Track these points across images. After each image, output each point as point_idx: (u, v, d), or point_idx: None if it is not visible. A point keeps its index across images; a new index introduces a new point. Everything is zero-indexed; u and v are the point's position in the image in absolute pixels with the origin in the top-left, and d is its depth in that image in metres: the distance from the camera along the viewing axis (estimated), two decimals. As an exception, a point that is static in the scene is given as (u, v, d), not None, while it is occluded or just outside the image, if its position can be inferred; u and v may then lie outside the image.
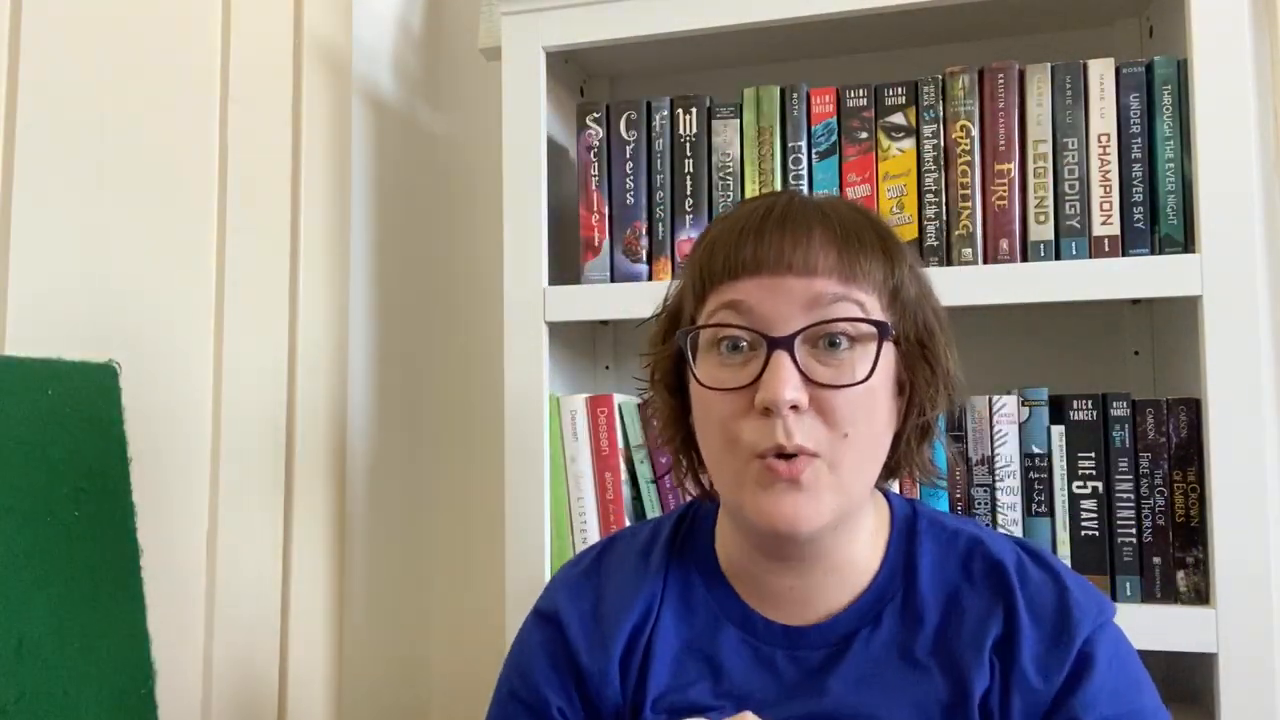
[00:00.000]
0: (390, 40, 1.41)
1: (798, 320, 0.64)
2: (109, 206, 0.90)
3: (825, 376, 0.63)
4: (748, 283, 0.65)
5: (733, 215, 0.70)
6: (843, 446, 0.64)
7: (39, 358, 0.78)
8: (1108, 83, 1.05)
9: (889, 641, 0.68)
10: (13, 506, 0.72)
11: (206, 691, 1.00)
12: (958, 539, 0.72)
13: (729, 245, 0.66)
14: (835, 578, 0.70)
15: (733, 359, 0.65)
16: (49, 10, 0.84)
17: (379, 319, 1.36)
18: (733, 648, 0.71)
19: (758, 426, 0.63)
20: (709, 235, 0.70)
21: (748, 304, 0.65)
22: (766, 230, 0.65)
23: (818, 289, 0.64)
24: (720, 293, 0.66)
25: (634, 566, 0.76)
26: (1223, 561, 0.96)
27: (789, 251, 0.64)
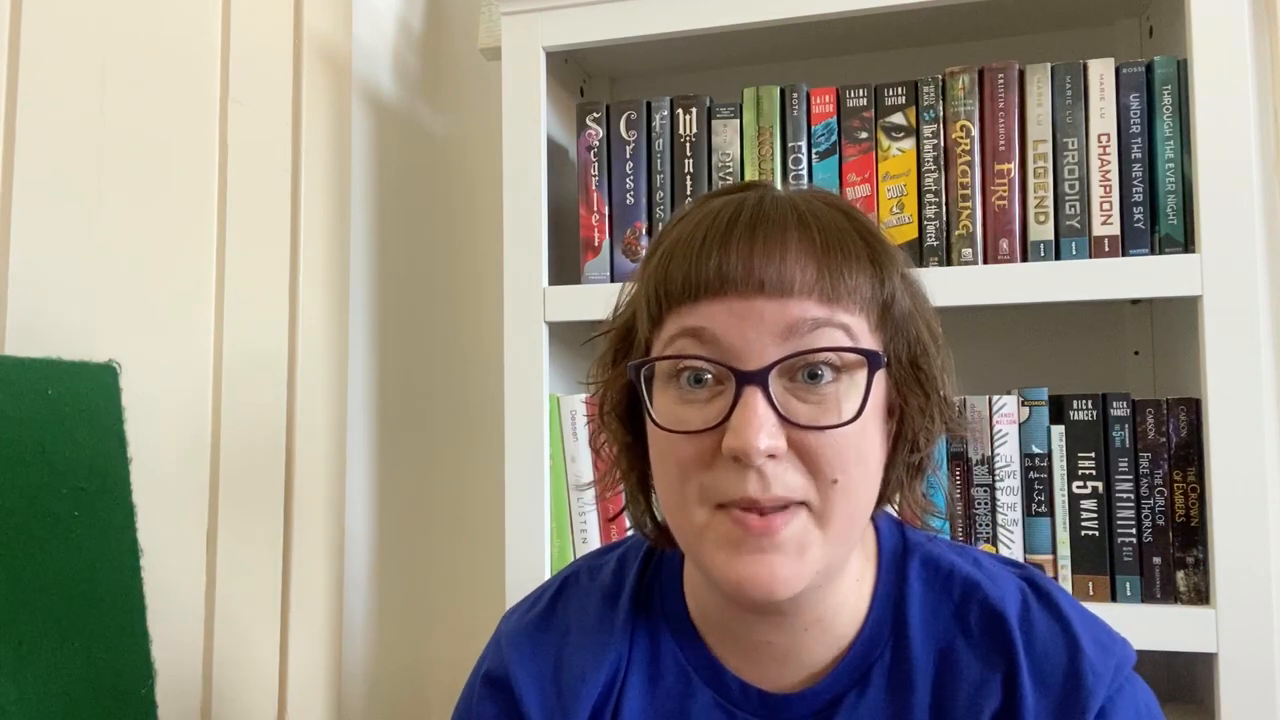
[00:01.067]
0: (390, 40, 1.41)
1: (771, 351, 0.53)
2: (109, 206, 0.90)
3: (806, 416, 0.53)
4: (712, 306, 0.54)
5: (693, 215, 0.58)
6: (831, 494, 0.53)
7: (39, 358, 0.78)
8: (1108, 83, 1.05)
9: (876, 709, 0.59)
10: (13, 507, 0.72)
11: (206, 691, 1.00)
12: (952, 582, 0.62)
13: (689, 258, 0.55)
14: (817, 631, 0.60)
15: (696, 394, 0.54)
16: (49, 10, 0.84)
17: (379, 319, 1.36)
18: (707, 714, 0.61)
19: (725, 474, 0.53)
20: (666, 240, 0.58)
21: (711, 331, 0.54)
22: (733, 239, 0.54)
23: (794, 313, 0.53)
24: (680, 316, 0.55)
25: (596, 619, 0.65)
26: (1223, 561, 0.96)
27: (760, 267, 0.53)
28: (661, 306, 0.56)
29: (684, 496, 0.55)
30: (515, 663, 0.65)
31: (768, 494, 0.52)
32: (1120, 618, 0.98)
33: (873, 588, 0.62)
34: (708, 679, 0.62)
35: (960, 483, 1.06)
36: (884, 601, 0.61)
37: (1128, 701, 0.57)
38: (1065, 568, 1.02)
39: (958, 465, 1.06)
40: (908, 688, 0.59)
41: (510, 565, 1.14)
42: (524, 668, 0.65)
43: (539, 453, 1.14)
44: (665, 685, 0.63)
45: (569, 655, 0.64)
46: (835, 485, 0.53)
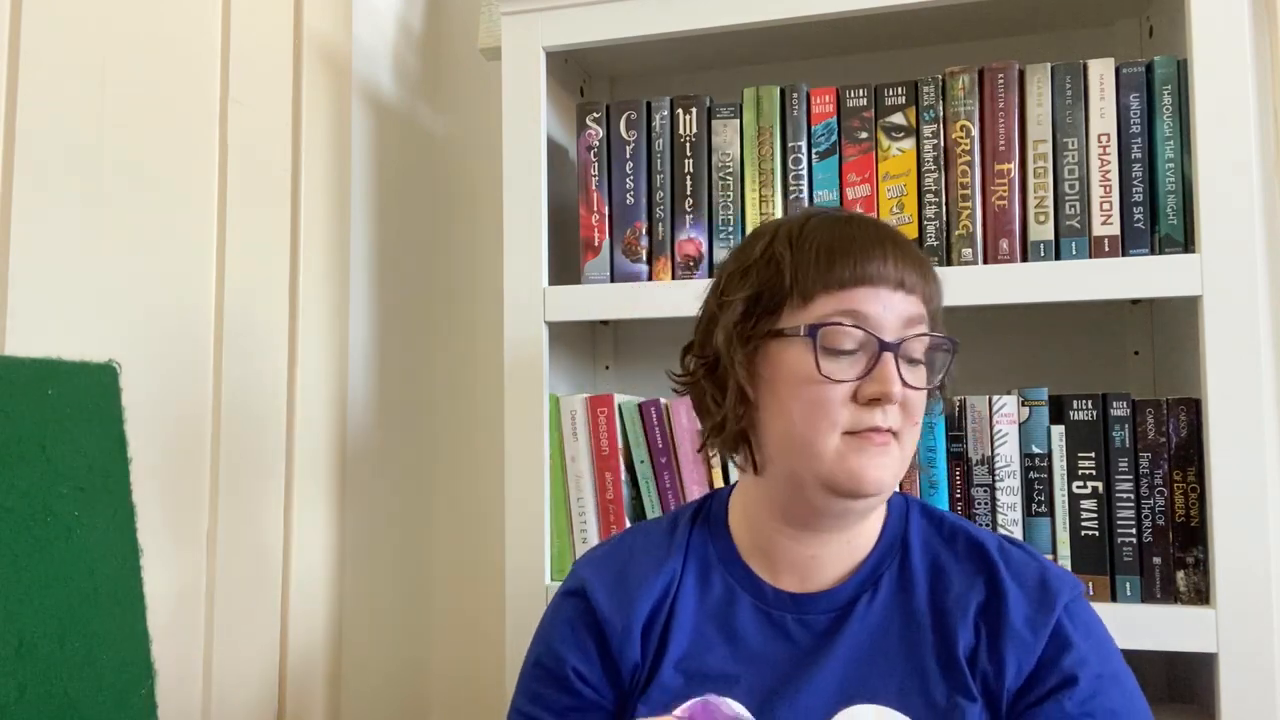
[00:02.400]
0: (390, 40, 1.41)
1: (899, 330, 0.75)
2: (109, 206, 0.90)
3: (911, 379, 0.76)
4: (865, 293, 0.75)
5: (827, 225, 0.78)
6: (910, 430, 0.77)
7: (39, 358, 0.78)
8: (1108, 83, 1.05)
9: (887, 604, 0.78)
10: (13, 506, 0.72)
11: (206, 691, 1.00)
12: (944, 522, 0.83)
13: (854, 257, 0.76)
14: (853, 544, 0.80)
15: (840, 356, 0.75)
16: (49, 10, 0.84)
17: (379, 319, 1.36)
18: (747, 615, 0.79)
19: (860, 411, 0.74)
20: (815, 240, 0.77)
21: (863, 313, 0.75)
22: (887, 250, 0.76)
23: (911, 308, 0.76)
24: (838, 299, 0.75)
25: (656, 544, 0.84)
26: (1223, 561, 0.96)
27: (900, 272, 0.76)
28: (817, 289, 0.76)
29: (819, 428, 0.75)
30: (588, 576, 0.83)
31: (887, 423, 0.74)
32: (1120, 618, 0.98)
33: (884, 520, 0.83)
34: (747, 588, 0.81)
35: (960, 483, 1.06)
36: (893, 529, 0.82)
37: (1085, 606, 0.78)
38: (1065, 568, 1.02)
39: (958, 465, 1.06)
40: (909, 590, 0.79)
41: (510, 565, 1.14)
42: (595, 577, 0.83)
43: (539, 453, 1.14)
44: (713, 595, 0.81)
45: (632, 567, 0.83)
46: (914, 425, 0.77)
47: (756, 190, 1.14)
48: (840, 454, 0.74)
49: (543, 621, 0.86)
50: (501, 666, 1.15)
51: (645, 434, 1.14)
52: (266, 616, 1.11)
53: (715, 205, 1.15)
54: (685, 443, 1.12)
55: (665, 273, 1.16)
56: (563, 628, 0.82)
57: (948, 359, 0.79)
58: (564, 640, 0.81)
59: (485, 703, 1.42)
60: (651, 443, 1.14)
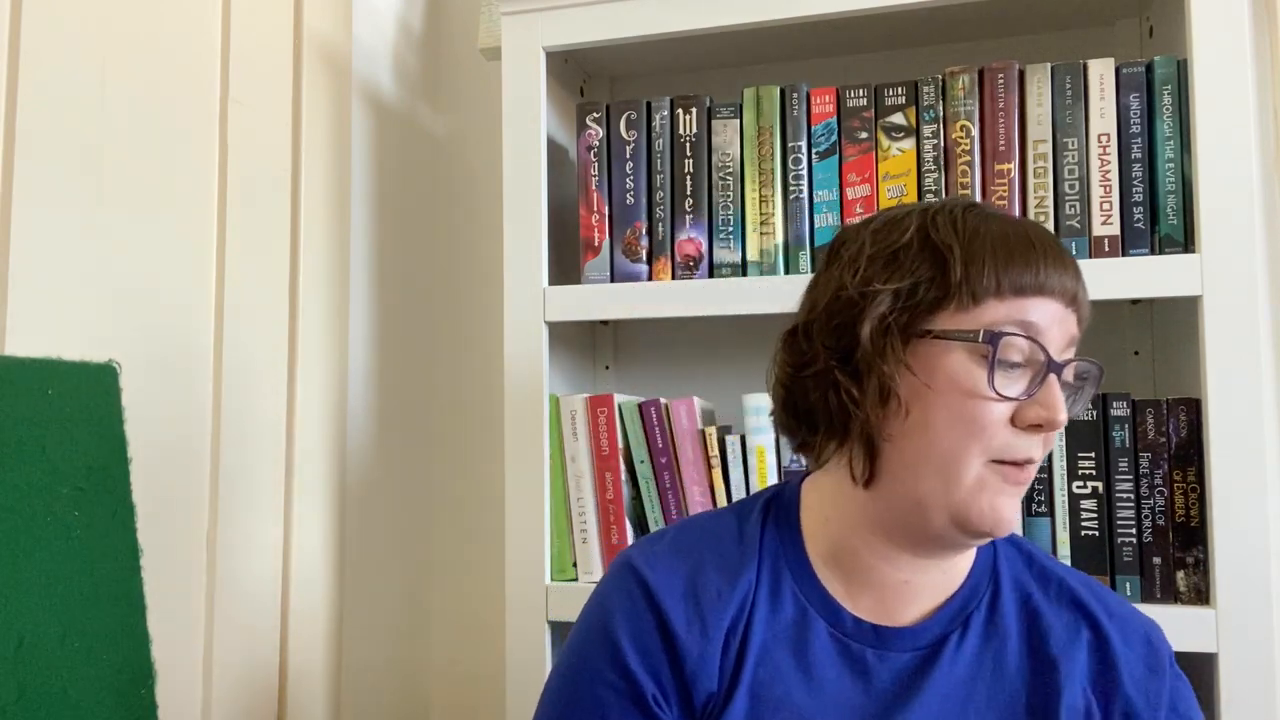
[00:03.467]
0: (390, 40, 1.41)
1: (1063, 350, 0.68)
2: (109, 206, 0.90)
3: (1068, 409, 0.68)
4: (1039, 304, 0.67)
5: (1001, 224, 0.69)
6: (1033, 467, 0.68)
7: (39, 358, 0.78)
8: (1108, 83, 1.05)
9: (977, 648, 0.71)
10: (13, 506, 0.72)
11: (206, 692, 1.00)
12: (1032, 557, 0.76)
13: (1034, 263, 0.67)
14: (943, 577, 0.73)
15: (1009, 369, 0.67)
16: (49, 10, 0.84)
17: (379, 319, 1.36)
18: (822, 644, 0.71)
19: (1014, 439, 0.66)
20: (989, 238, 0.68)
21: (1038, 325, 0.67)
22: (1065, 258, 0.68)
23: (1074, 328, 0.69)
24: (1012, 306, 0.66)
25: (726, 550, 0.74)
26: (1223, 561, 0.96)
27: (1069, 284, 0.68)
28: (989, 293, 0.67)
29: (969, 450, 0.66)
30: (655, 580, 0.72)
31: (1038, 455, 0.67)
32: (1120, 618, 0.98)
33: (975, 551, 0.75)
34: (822, 612, 0.71)
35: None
36: (983, 560, 0.74)
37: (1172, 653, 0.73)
38: (1065, 568, 1.02)
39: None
40: (1001, 633, 0.71)
41: (510, 565, 1.14)
42: (662, 581, 0.72)
43: (539, 453, 1.14)
44: (784, 615, 0.72)
45: (703, 576, 0.72)
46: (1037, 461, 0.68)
47: (756, 190, 1.14)
48: (980, 485, 0.66)
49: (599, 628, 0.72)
50: (501, 666, 1.15)
51: (645, 434, 1.14)
52: (266, 616, 1.11)
53: (715, 205, 1.15)
54: (685, 443, 1.12)
55: (665, 273, 1.16)
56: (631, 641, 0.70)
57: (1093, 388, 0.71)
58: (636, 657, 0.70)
59: (485, 703, 1.42)
60: (651, 443, 1.14)
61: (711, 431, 1.11)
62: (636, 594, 0.71)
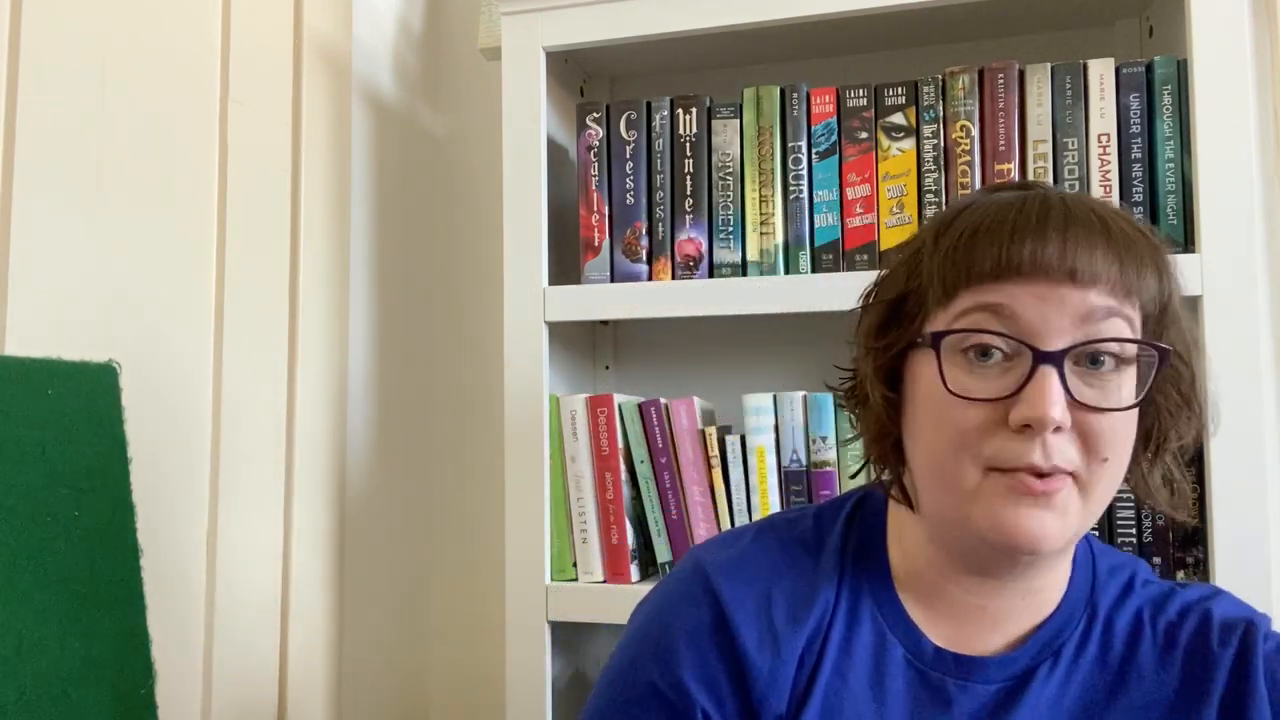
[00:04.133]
0: (390, 40, 1.41)
1: (1068, 335, 0.58)
2: (109, 206, 0.90)
3: (1091, 398, 0.58)
4: (1016, 287, 0.58)
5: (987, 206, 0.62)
6: (1099, 471, 0.59)
7: (39, 358, 0.78)
8: (1108, 83, 1.05)
9: (1067, 683, 0.64)
10: (13, 506, 0.72)
11: (206, 692, 1.00)
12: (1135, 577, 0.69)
13: (999, 242, 0.59)
14: (1031, 599, 0.65)
15: (984, 366, 0.59)
16: (49, 10, 0.84)
17: (379, 319, 1.36)
18: (899, 671, 0.65)
19: (1008, 442, 0.58)
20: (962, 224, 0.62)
21: (1012, 309, 0.58)
22: (1049, 230, 0.58)
23: (1093, 302, 0.58)
24: (978, 293, 0.59)
25: (805, 563, 0.69)
26: (1223, 561, 0.96)
27: (1072, 257, 0.58)
28: (960, 282, 0.60)
29: (958, 459, 0.60)
30: (726, 589, 0.67)
31: (1049, 463, 0.57)
32: (1120, 618, 0.98)
33: (1070, 576, 0.67)
34: (901, 637, 0.66)
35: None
36: (1079, 583, 0.67)
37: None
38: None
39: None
40: (1099, 664, 0.64)
41: (510, 566, 1.14)
42: (736, 596, 0.67)
43: (539, 453, 1.14)
44: (861, 638, 0.66)
45: (779, 594, 0.67)
46: (1105, 463, 0.59)
47: (756, 190, 1.14)
48: (977, 495, 0.59)
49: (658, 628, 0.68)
50: (501, 667, 1.15)
51: (645, 434, 1.14)
52: (266, 616, 1.11)
53: (715, 205, 1.15)
54: (685, 443, 1.12)
55: (665, 273, 1.16)
56: (691, 652, 0.65)
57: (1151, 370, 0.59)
58: (694, 671, 0.65)
59: (485, 704, 1.42)
60: (651, 443, 1.14)
61: (711, 431, 1.11)
62: (705, 603, 0.67)
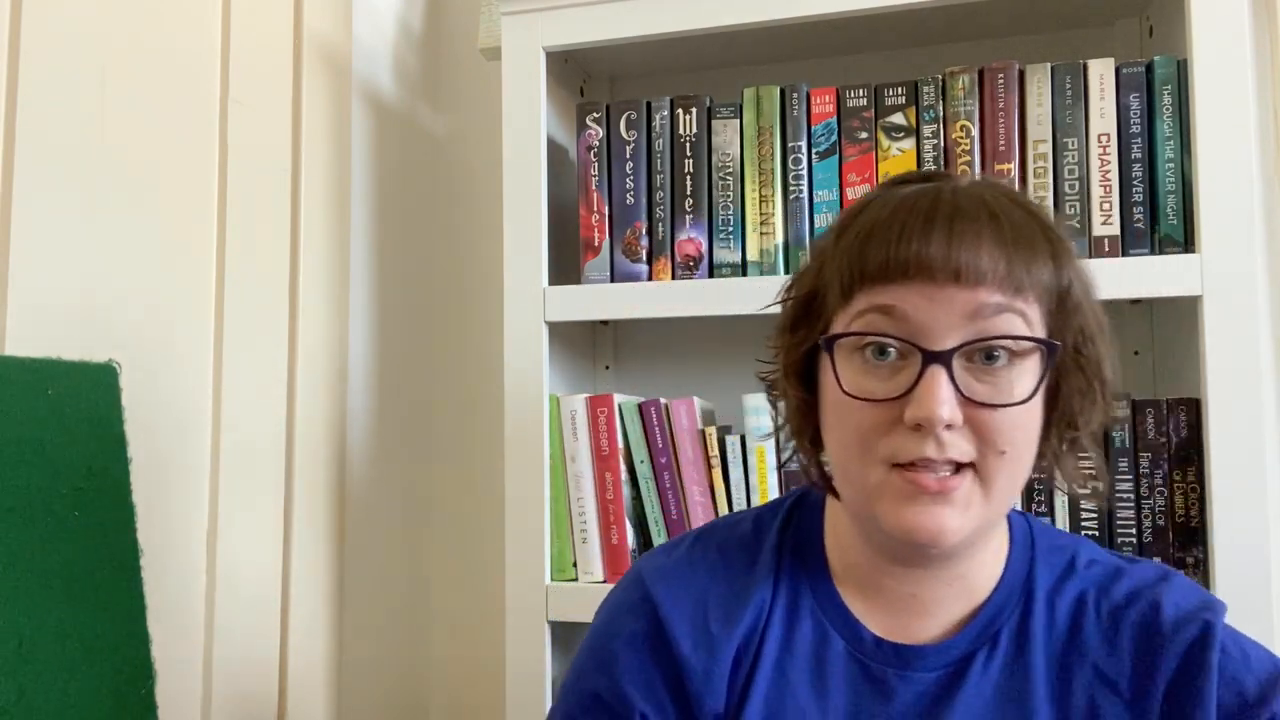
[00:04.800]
0: (390, 40, 1.41)
1: (957, 333, 0.58)
2: (109, 206, 0.90)
3: (983, 395, 0.59)
4: (905, 288, 0.59)
5: (883, 199, 0.63)
6: (997, 463, 0.59)
7: (39, 358, 0.78)
8: (1108, 83, 1.05)
9: (1007, 668, 0.64)
10: (13, 506, 0.72)
11: (206, 692, 1.00)
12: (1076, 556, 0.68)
13: (888, 242, 0.60)
14: (959, 586, 0.66)
15: (879, 366, 0.60)
16: (49, 10, 0.84)
17: (379, 319, 1.36)
18: (840, 665, 0.66)
19: (904, 440, 0.59)
20: (860, 223, 0.62)
21: (903, 310, 0.59)
22: (934, 229, 0.59)
23: (982, 299, 0.58)
24: (872, 294, 0.60)
25: (741, 565, 0.70)
26: (1223, 561, 0.96)
27: (956, 257, 0.58)
28: (854, 284, 0.61)
29: (861, 457, 0.61)
30: (662, 596, 0.68)
31: (943, 455, 0.58)
32: (1120, 618, 0.98)
33: (1006, 559, 0.67)
34: (841, 630, 0.67)
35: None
36: (1016, 571, 0.67)
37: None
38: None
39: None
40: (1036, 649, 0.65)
41: (510, 565, 1.14)
42: (671, 601, 0.68)
43: (539, 453, 1.14)
44: (801, 633, 0.67)
45: (714, 597, 0.68)
46: (1002, 456, 0.59)
47: (756, 190, 1.14)
48: (884, 492, 0.60)
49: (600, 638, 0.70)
50: (501, 666, 1.15)
51: (645, 434, 1.14)
52: (266, 616, 1.11)
53: (715, 205, 1.15)
54: (685, 443, 1.12)
55: (665, 273, 1.16)
56: (630, 659, 0.67)
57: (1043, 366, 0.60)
58: (632, 677, 0.67)
59: (485, 703, 1.42)
60: (651, 443, 1.14)
61: (711, 431, 1.11)
62: (642, 611, 0.68)
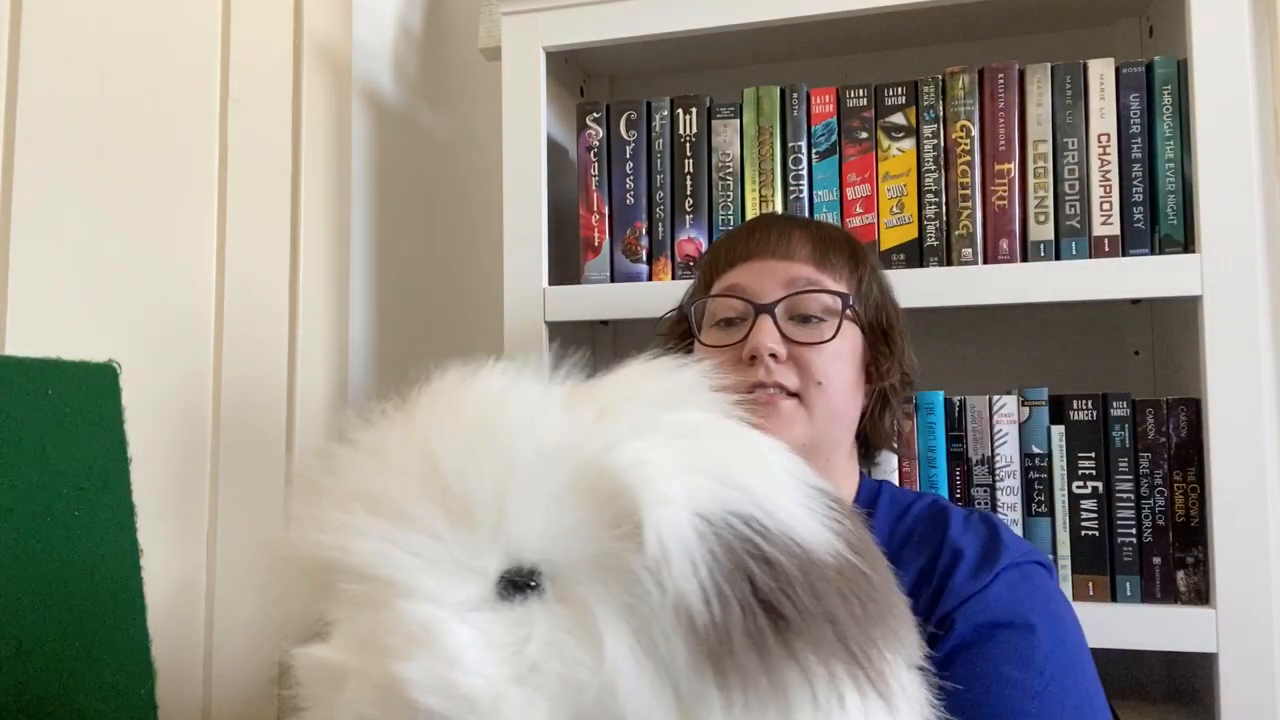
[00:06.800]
0: (390, 40, 1.41)
1: (780, 293, 0.82)
2: (109, 206, 0.90)
3: (801, 336, 0.80)
4: (741, 268, 0.84)
5: (732, 230, 0.92)
6: (817, 393, 0.80)
7: (39, 358, 0.78)
8: (1108, 83, 1.05)
9: None
10: (13, 506, 0.72)
11: (206, 692, 1.00)
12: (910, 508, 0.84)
13: (730, 245, 0.86)
14: None
15: (728, 330, 0.83)
16: (49, 10, 0.84)
17: (379, 319, 1.36)
18: None
19: (743, 373, 0.79)
20: (713, 246, 0.92)
21: (741, 285, 0.82)
22: (757, 229, 0.86)
23: (795, 272, 0.82)
24: (723, 279, 0.84)
25: None
26: (1223, 561, 0.96)
27: (773, 241, 0.83)
28: (710, 275, 0.87)
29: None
30: None
31: (771, 379, 0.79)
32: (1120, 618, 0.98)
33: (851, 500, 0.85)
34: None
35: (960, 482, 1.06)
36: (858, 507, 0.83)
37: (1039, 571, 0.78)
38: (1065, 568, 1.02)
39: (958, 465, 1.06)
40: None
41: (510, 565, 1.14)
42: None
43: (539, 453, 1.14)
44: None
45: None
46: (819, 386, 0.80)
47: (756, 190, 1.14)
48: None
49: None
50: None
51: (645, 434, 1.14)
52: (266, 616, 1.10)
53: (715, 205, 1.15)
54: (685, 443, 1.12)
55: (665, 273, 1.16)
56: None
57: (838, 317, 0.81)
58: None
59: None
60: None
61: (711, 431, 1.11)
62: None
